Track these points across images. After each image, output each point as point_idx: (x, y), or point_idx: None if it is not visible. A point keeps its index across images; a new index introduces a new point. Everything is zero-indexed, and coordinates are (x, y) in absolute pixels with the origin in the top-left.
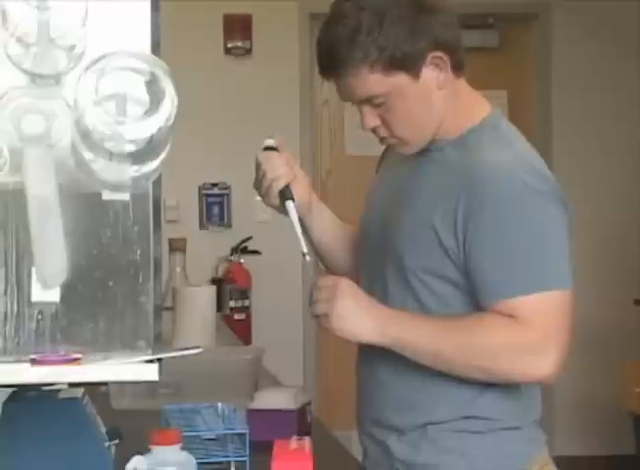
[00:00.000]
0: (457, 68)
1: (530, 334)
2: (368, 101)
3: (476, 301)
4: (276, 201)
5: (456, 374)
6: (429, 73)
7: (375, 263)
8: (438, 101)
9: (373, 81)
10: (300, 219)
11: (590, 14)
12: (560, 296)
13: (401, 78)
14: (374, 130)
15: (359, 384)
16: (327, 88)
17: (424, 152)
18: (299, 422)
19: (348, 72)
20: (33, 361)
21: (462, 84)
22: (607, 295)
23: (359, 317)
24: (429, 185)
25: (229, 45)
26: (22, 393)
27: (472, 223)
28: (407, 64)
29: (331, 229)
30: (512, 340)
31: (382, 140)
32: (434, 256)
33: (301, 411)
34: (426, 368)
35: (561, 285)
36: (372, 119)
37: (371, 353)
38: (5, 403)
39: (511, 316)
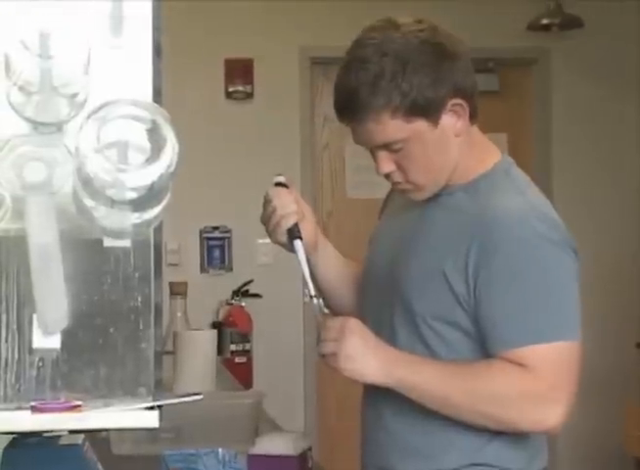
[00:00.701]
0: (472, 115)
1: (540, 383)
2: (385, 146)
3: (485, 348)
4: (283, 238)
5: (463, 420)
6: (447, 120)
7: (382, 308)
8: (454, 147)
9: (393, 127)
10: (307, 259)
11: (589, 58)
12: (568, 347)
13: (421, 125)
14: (387, 175)
15: (364, 429)
16: (327, 132)
17: (433, 196)
18: (300, 468)
19: (369, 118)
20: (34, 409)
21: (475, 130)
22: (608, 338)
23: (366, 357)
24: (438, 230)
25: (230, 89)
26: (22, 439)
27: (483, 270)
28: (429, 110)
29: (335, 267)
30: (522, 388)
31: (395, 185)
32: (444, 302)
33: (302, 457)
34: (433, 413)
35: (569, 337)
36: (387, 165)
37: (376, 398)
38: (5, 450)
39: (520, 365)
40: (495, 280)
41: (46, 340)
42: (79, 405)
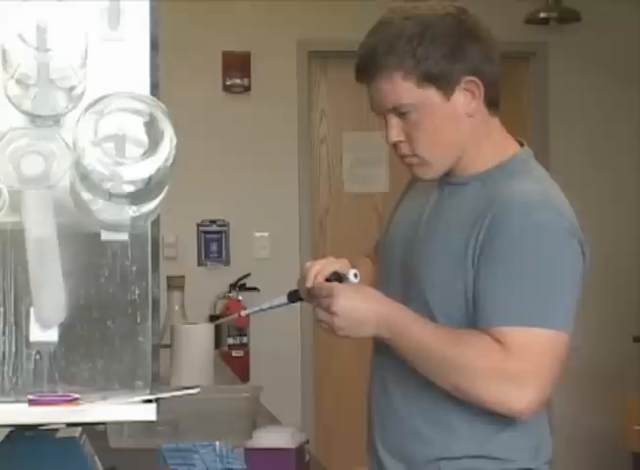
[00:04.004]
0: (492, 104)
1: (512, 364)
2: (396, 110)
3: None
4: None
5: (439, 385)
6: (461, 97)
7: (398, 295)
8: (466, 128)
9: (404, 89)
10: None
11: (587, 51)
12: (552, 336)
13: (432, 94)
14: (396, 147)
15: (373, 413)
16: (325, 126)
17: (448, 185)
18: (298, 461)
19: (382, 76)
20: (31, 402)
21: (495, 122)
22: (606, 332)
23: (353, 330)
24: (453, 219)
25: (228, 82)
26: (19, 432)
27: (485, 249)
28: (441, 81)
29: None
30: (493, 365)
31: (402, 159)
32: (459, 290)
33: (300, 450)
34: (442, 401)
35: (555, 325)
36: (397, 133)
37: (386, 383)
38: (2, 443)
39: (500, 343)
40: (493, 259)
41: (43, 333)
42: (77, 398)
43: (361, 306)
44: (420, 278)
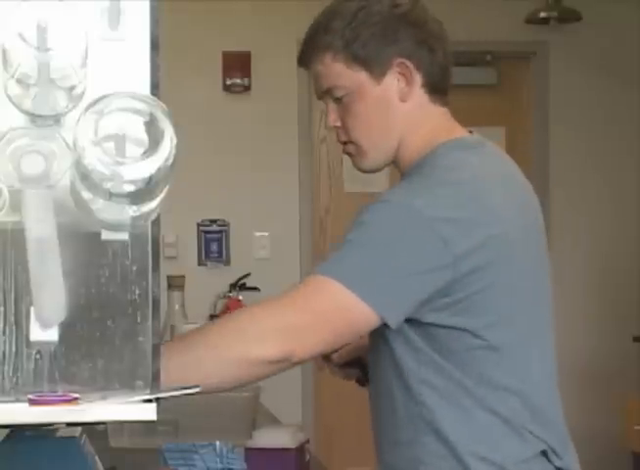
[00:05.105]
0: (435, 91)
1: (293, 309)
2: (330, 93)
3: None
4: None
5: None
6: (393, 81)
7: None
8: (399, 113)
9: (335, 71)
10: None
11: (588, 51)
12: (338, 289)
13: (362, 76)
14: (337, 134)
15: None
16: (325, 125)
17: None
18: (298, 461)
19: (317, 58)
20: (31, 401)
21: (437, 111)
22: (605, 332)
23: None
24: None
25: (228, 82)
26: (19, 432)
27: None
28: (370, 64)
29: None
30: (263, 307)
31: (343, 148)
32: None
33: (300, 450)
34: (412, 408)
35: (342, 278)
36: (334, 118)
37: (372, 391)
38: (2, 443)
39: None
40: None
41: (44, 333)
42: (77, 398)
43: None
44: None
